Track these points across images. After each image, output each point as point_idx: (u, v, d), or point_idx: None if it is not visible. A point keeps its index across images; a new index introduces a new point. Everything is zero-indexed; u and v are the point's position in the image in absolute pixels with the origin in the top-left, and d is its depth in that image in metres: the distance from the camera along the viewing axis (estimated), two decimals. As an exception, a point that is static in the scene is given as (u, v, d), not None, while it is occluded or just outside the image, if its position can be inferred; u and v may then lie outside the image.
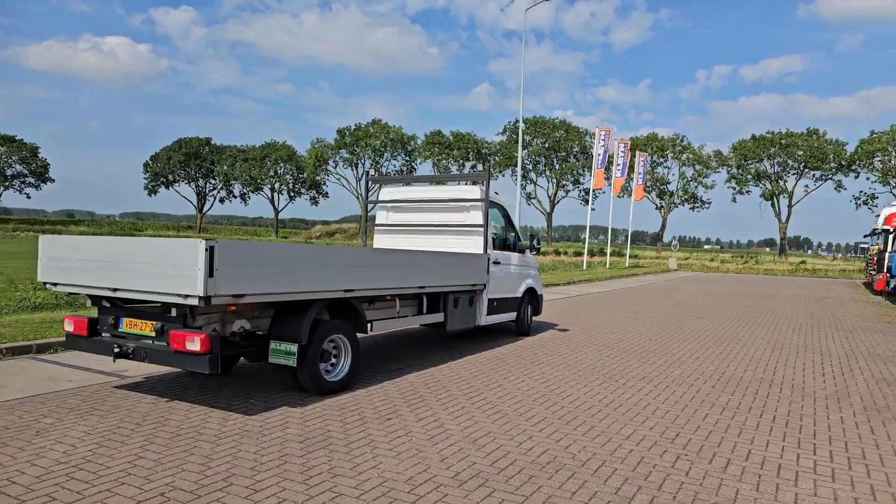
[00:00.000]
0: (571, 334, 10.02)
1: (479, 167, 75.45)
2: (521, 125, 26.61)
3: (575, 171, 70.34)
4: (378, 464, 3.97)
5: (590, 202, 37.01)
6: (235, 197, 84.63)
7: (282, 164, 79.57)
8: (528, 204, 75.58)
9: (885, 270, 19.86)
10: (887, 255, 19.88)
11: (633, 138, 64.61)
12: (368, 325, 6.17)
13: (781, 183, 60.83)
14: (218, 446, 4.27)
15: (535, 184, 73.32)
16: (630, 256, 42.13)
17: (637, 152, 41.17)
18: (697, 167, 66.39)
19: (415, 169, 78.88)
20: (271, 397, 5.60)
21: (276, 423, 4.81)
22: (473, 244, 8.58)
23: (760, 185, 62.74)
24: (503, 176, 76.22)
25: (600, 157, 33.57)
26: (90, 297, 5.59)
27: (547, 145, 71.20)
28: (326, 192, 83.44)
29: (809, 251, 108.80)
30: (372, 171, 14.02)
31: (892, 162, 51.73)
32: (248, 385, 6.07)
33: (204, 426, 4.72)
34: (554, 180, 72.37)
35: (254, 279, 4.75)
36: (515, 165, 73.76)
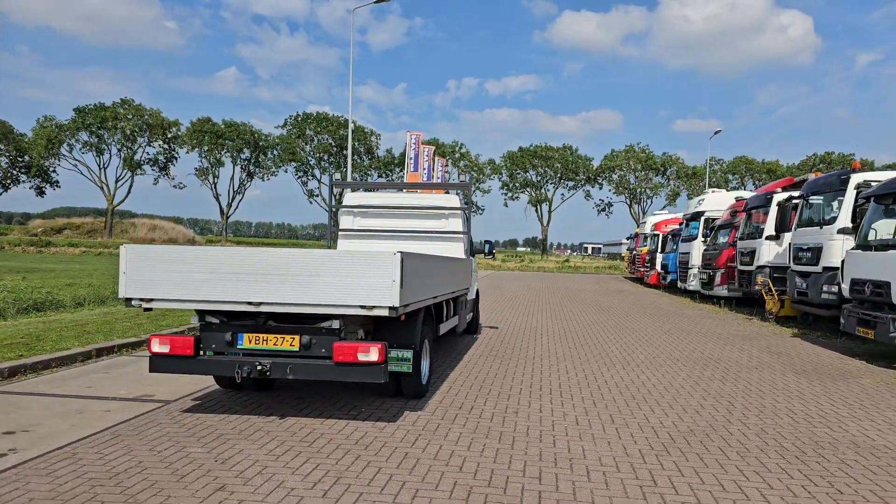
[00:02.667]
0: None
1: (259, 159, 72.78)
2: (351, 124, 27.53)
3: (362, 171, 72.55)
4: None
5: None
6: None
7: (-9, 144, 65.25)
8: (311, 202, 75.51)
9: (657, 268, 26.20)
10: (660, 255, 26.24)
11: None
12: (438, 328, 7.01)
13: (543, 190, 72.01)
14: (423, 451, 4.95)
15: (319, 181, 73.56)
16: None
17: (436, 158, 45.00)
18: (474, 174, 74.38)
19: (177, 157, 72.25)
20: (364, 404, 6.17)
21: (435, 425, 5.55)
22: (454, 250, 9.71)
23: (527, 192, 73.21)
24: (285, 172, 74.75)
25: (412, 161, 36.16)
26: (201, 312, 5.43)
27: (333, 143, 72.07)
28: (57, 181, 71.02)
29: (555, 250, 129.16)
30: (337, 176, 13.79)
31: (627, 176, 65.76)
32: (310, 395, 6.45)
33: (378, 437, 5.25)
34: (340, 178, 73.61)
35: (415, 289, 5.40)
36: (297, 161, 73.18)
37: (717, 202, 21.21)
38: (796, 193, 13.90)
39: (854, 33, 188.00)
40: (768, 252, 14.88)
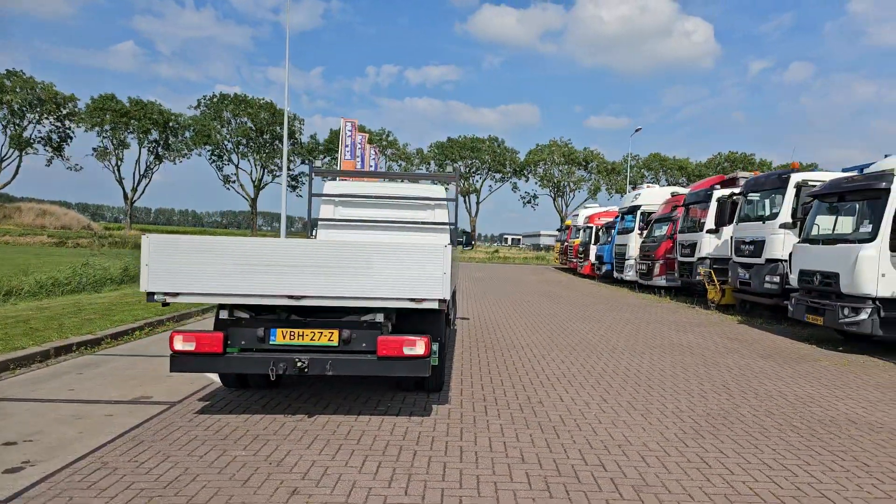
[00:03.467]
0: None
1: (168, 140, 68.64)
2: (287, 111, 26.61)
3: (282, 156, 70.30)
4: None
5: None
6: None
7: None
8: (227, 188, 72.27)
9: (591, 258, 27.39)
10: (594, 246, 27.42)
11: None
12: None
13: (472, 181, 72.91)
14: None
15: (237, 166, 70.54)
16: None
17: (368, 145, 44.42)
18: (402, 163, 74.07)
19: (72, 136, 66.82)
20: (385, 398, 6.13)
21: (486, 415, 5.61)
22: (440, 241, 9.68)
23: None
24: (199, 155, 71.01)
25: (348, 148, 35.53)
26: (228, 307, 5.16)
27: (253, 126, 69.25)
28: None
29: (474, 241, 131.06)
30: (317, 164, 13.17)
31: (551, 170, 67.93)
32: (319, 390, 6.34)
33: (429, 434, 5.24)
34: (259, 164, 70.96)
35: (452, 280, 5.42)
36: (212, 144, 69.68)
37: (652, 197, 22.43)
38: (737, 190, 15.01)
39: (749, 42, 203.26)
40: (709, 244, 15.98)
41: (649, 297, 18.93)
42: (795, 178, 12.39)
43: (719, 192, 15.95)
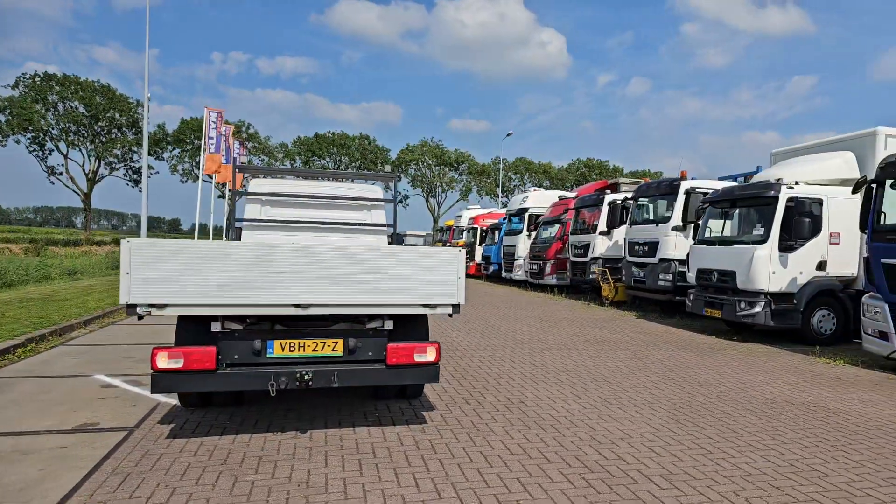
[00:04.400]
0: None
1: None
2: (147, 96, 24.29)
3: (126, 147, 64.16)
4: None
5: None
6: None
7: None
8: (51, 181, 64.31)
9: (477, 259, 28.38)
10: (480, 247, 28.43)
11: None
12: None
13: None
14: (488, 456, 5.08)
15: (66, 156, 63.03)
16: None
17: (232, 139, 42.00)
18: (264, 158, 70.82)
19: None
20: (365, 407, 6.02)
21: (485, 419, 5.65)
22: (377, 244, 9.54)
23: (321, 180, 72.16)
24: (17, 143, 62.26)
25: (213, 141, 33.29)
26: (224, 318, 4.73)
27: (86, 112, 62.31)
28: None
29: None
30: (243, 159, 11.74)
31: (423, 170, 68.85)
32: (290, 404, 6.09)
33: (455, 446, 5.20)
34: (94, 155, 64.07)
35: None
36: (34, 130, 61.57)
37: (539, 200, 23.78)
38: (628, 195, 16.49)
39: (596, 56, 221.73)
40: (601, 245, 17.34)
41: (542, 295, 20.06)
42: (685, 185, 13.91)
43: (611, 197, 17.38)
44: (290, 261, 4.67)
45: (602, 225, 17.31)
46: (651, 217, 15.18)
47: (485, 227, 28.55)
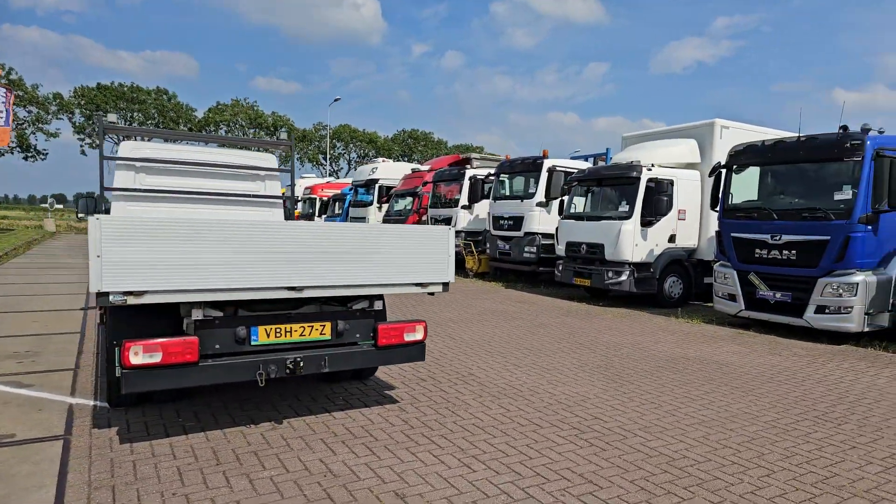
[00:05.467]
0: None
1: None
2: None
3: None
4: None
5: None
6: None
7: None
8: None
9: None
10: (321, 218, 27.79)
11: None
12: None
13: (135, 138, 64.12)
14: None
15: None
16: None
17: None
18: (33, 110, 60.83)
19: None
20: (326, 391, 5.92)
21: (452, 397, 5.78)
22: (273, 218, 9.00)
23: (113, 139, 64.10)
24: None
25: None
26: (200, 305, 4.26)
27: None
28: None
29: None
30: (113, 118, 9.18)
31: (236, 133, 64.35)
32: (240, 393, 5.81)
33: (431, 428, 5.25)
34: None
35: None
36: None
37: (389, 171, 23.94)
38: (492, 171, 17.44)
39: (411, 25, 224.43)
40: (464, 219, 18.14)
41: (399, 269, 20.42)
42: (548, 163, 15.11)
43: (472, 172, 18.19)
44: (285, 240, 4.42)
45: (464, 199, 18.07)
46: (514, 193, 16.25)
47: (325, 198, 27.99)
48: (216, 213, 8.67)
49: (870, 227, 8.53)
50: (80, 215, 9.42)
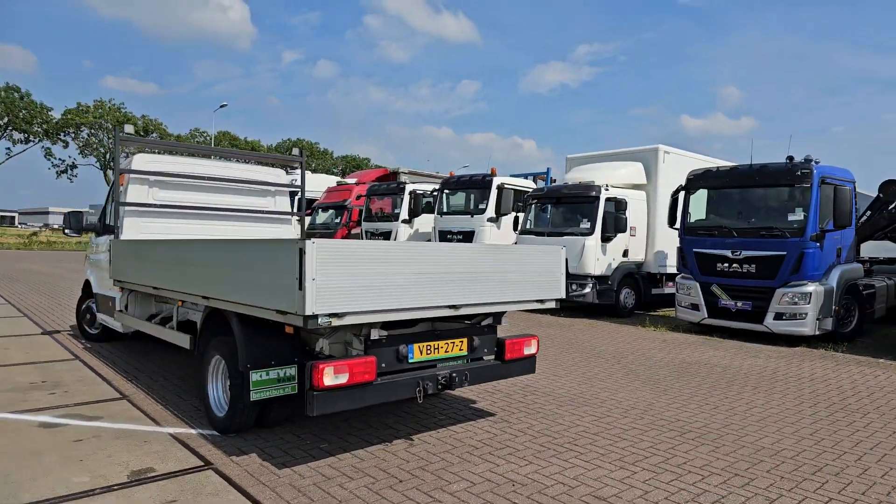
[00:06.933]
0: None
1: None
2: None
3: None
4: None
5: None
6: None
7: None
8: None
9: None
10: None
11: None
12: None
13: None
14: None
15: None
16: None
17: None
18: None
19: None
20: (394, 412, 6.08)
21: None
22: (283, 234, 8.82)
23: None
24: None
25: None
26: (381, 325, 4.34)
27: None
28: None
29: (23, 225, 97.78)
30: (130, 130, 7.71)
31: (100, 136, 58.88)
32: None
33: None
34: None
35: None
36: None
37: (309, 183, 23.51)
38: (435, 187, 17.89)
39: (282, 31, 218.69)
40: (404, 233, 18.39)
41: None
42: (497, 181, 15.88)
43: (412, 187, 18.52)
44: (449, 261, 4.65)
45: (404, 213, 18.33)
46: (461, 208, 16.82)
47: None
48: (228, 230, 8.43)
49: (818, 244, 10.10)
50: (67, 231, 8.66)
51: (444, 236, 16.63)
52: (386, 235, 18.69)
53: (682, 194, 11.78)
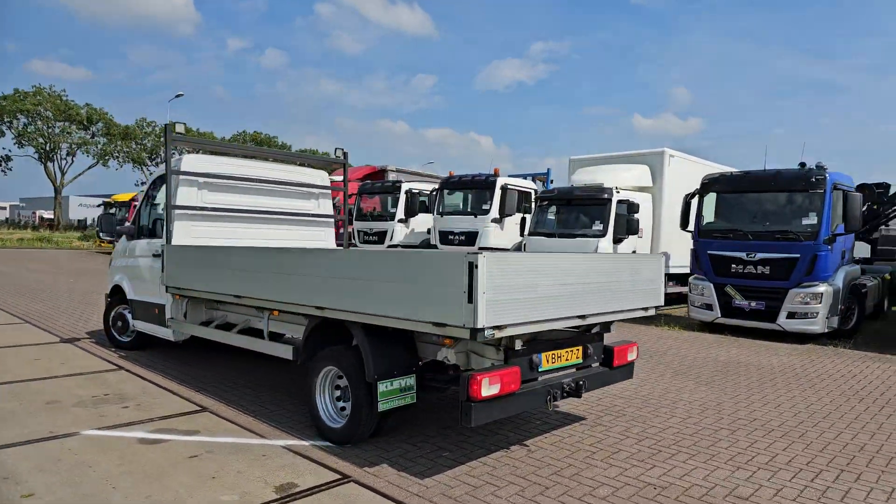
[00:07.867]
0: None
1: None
2: None
3: None
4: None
5: None
6: None
7: None
8: None
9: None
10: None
11: None
12: None
13: None
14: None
15: None
16: None
17: None
18: None
19: None
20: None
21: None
22: (324, 238, 8.76)
23: None
24: None
25: None
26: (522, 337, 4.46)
27: None
28: None
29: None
30: (181, 129, 7.12)
31: (39, 125, 55.95)
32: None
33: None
34: None
35: None
36: None
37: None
38: (436, 186, 17.95)
39: (227, 18, 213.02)
40: (400, 233, 18.39)
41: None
42: (500, 181, 16.08)
43: (408, 186, 18.52)
44: (580, 272, 4.80)
45: (400, 213, 18.31)
46: (462, 209, 16.94)
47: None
48: (274, 233, 8.33)
49: (829, 247, 10.71)
50: (100, 235, 8.39)
51: (445, 237, 16.73)
52: (380, 235, 18.66)
53: (695, 198, 12.25)
